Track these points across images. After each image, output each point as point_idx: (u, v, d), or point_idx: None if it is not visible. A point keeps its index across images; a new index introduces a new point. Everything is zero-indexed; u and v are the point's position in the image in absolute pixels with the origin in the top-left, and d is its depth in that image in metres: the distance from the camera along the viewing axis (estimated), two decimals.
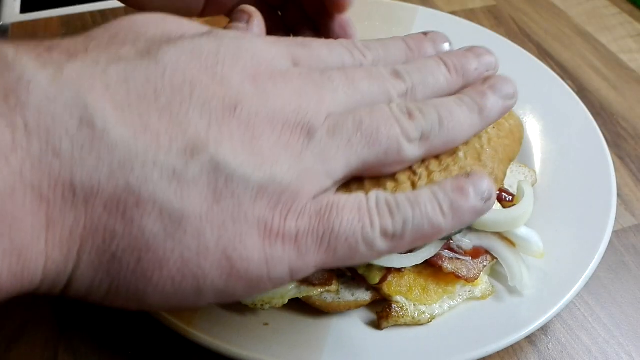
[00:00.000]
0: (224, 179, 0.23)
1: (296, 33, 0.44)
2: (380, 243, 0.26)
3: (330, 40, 0.33)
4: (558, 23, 0.62)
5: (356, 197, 0.27)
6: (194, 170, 0.23)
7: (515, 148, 0.36)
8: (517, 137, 0.37)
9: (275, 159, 0.25)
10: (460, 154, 0.33)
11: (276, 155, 0.25)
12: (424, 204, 0.27)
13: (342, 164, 0.28)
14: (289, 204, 0.25)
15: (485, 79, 0.33)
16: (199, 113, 0.24)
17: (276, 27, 0.43)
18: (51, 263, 0.22)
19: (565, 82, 0.48)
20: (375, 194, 0.27)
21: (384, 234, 0.26)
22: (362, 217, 0.26)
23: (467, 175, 0.28)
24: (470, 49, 0.35)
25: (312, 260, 0.25)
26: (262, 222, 0.24)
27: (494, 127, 0.35)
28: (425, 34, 0.36)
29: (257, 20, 0.34)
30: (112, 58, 0.24)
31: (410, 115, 0.30)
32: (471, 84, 0.33)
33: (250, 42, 0.28)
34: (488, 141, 0.34)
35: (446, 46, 0.36)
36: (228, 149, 0.24)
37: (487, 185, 0.28)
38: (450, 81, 0.33)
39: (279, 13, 0.45)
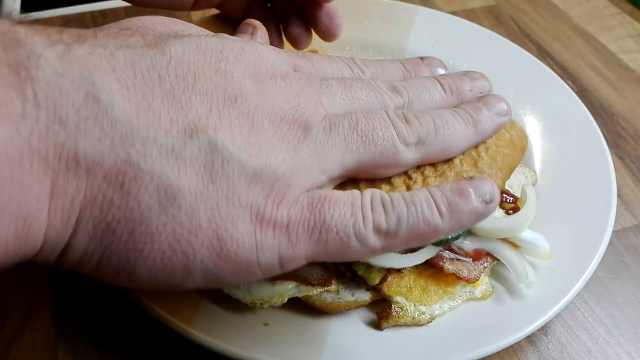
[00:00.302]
0: (221, 161, 0.24)
1: (285, 23, 0.44)
2: (373, 239, 0.26)
3: (331, 56, 0.35)
4: (558, 23, 0.62)
5: (350, 193, 0.27)
6: (192, 150, 0.24)
7: (516, 157, 0.36)
8: (519, 147, 0.37)
9: (271, 149, 0.26)
10: (456, 160, 0.33)
11: (272, 146, 0.26)
12: (420, 203, 0.27)
13: (337, 161, 0.28)
14: (282, 193, 0.26)
15: (480, 97, 0.35)
16: (201, 100, 0.25)
17: (266, 17, 0.44)
18: (52, 230, 0.22)
19: (565, 82, 0.48)
20: (370, 192, 0.27)
21: (377, 230, 0.26)
22: (355, 211, 0.26)
23: (470, 177, 0.28)
24: (465, 73, 0.36)
25: (302, 250, 0.26)
26: (255, 208, 0.25)
27: (492, 137, 0.35)
28: (422, 58, 0.38)
29: (261, 32, 0.36)
30: (120, 44, 0.25)
31: (406, 120, 0.30)
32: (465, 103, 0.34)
33: (254, 45, 0.29)
34: (485, 149, 0.34)
35: (441, 70, 0.38)
36: (226, 134, 0.25)
37: (489, 188, 0.28)
38: (446, 99, 0.34)
39: (268, 5, 0.45)
